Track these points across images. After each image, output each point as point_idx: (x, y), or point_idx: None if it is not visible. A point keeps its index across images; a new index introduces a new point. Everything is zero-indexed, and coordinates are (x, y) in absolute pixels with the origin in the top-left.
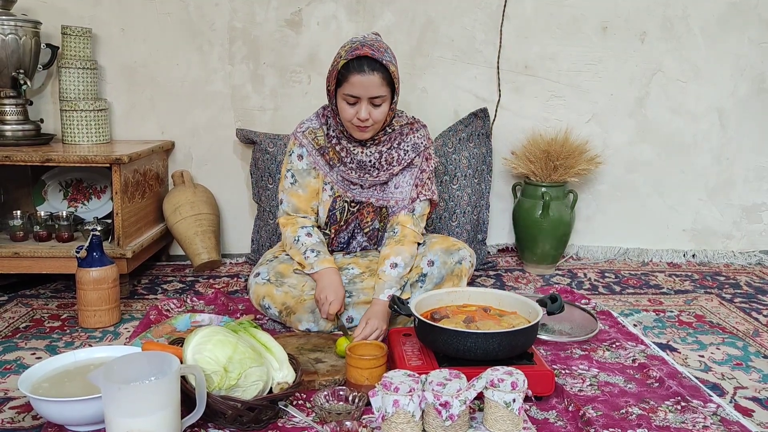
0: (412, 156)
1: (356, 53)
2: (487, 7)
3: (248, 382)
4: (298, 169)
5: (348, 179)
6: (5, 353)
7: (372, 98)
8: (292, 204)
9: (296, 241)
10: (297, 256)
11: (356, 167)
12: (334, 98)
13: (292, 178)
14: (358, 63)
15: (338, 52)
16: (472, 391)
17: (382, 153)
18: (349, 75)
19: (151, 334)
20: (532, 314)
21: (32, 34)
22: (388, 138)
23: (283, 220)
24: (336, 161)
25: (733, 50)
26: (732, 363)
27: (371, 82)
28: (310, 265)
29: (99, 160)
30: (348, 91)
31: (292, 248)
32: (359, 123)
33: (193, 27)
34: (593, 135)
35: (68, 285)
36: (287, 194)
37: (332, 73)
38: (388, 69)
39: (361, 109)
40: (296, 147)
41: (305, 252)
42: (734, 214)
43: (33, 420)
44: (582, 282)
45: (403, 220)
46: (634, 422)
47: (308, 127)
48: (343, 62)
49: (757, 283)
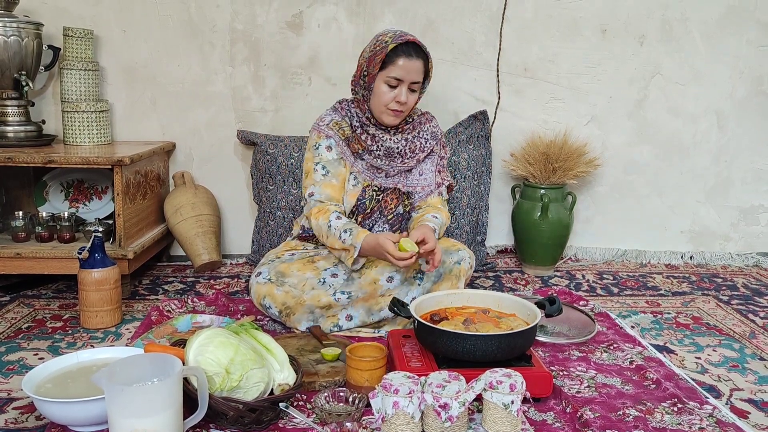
0: (432, 144)
1: (405, 38)
2: (487, 10)
3: (250, 383)
4: (328, 159)
5: (374, 166)
6: (8, 354)
7: (412, 83)
8: (325, 194)
9: (329, 227)
10: (335, 243)
11: (384, 154)
12: (371, 82)
13: (323, 170)
14: (406, 48)
15: (379, 40)
16: (471, 392)
17: (408, 140)
18: (396, 58)
19: (152, 334)
20: (531, 316)
21: (34, 35)
22: (411, 127)
23: (315, 210)
24: (362, 150)
25: (732, 53)
26: (728, 365)
27: (415, 67)
28: (351, 246)
29: (101, 161)
30: (393, 73)
31: (329, 237)
32: (396, 106)
33: (194, 28)
34: (592, 137)
35: (70, 285)
36: (320, 186)
37: (376, 56)
38: (428, 59)
39: (401, 92)
40: (323, 139)
41: (340, 235)
42: (732, 216)
43: (36, 420)
44: (580, 283)
45: (434, 202)
46: (631, 424)
47: (332, 119)
48: (392, 46)
49: (754, 285)
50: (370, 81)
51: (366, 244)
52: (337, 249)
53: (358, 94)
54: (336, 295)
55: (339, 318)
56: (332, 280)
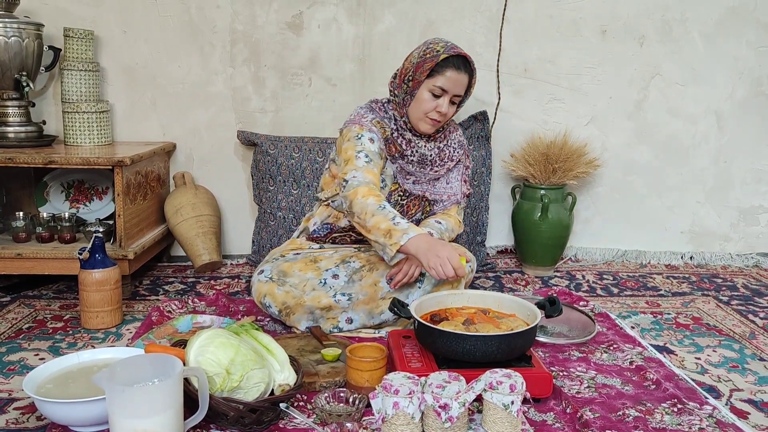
0: (460, 153)
1: (457, 51)
2: (487, 11)
3: (250, 383)
4: (371, 150)
5: (406, 171)
6: (9, 354)
7: (454, 95)
8: (369, 179)
9: (383, 208)
10: (382, 222)
11: (417, 161)
12: (415, 88)
13: (366, 158)
14: (456, 60)
15: (430, 47)
16: (471, 393)
17: (440, 149)
18: (445, 69)
19: (153, 335)
20: (531, 317)
21: (35, 36)
22: (443, 135)
23: (364, 189)
24: (397, 154)
25: (731, 53)
26: (728, 365)
27: (461, 80)
28: (403, 230)
29: (101, 162)
30: (440, 83)
31: (376, 214)
32: (436, 116)
33: (195, 29)
34: (592, 137)
35: (70, 286)
36: (362, 171)
37: (426, 63)
38: (473, 76)
39: (444, 103)
40: (366, 131)
41: (394, 218)
42: (732, 217)
43: (37, 421)
44: (580, 284)
45: (449, 210)
46: (631, 424)
47: (374, 118)
48: (444, 56)
49: (754, 285)
50: (415, 86)
51: (422, 239)
52: (381, 230)
53: (398, 97)
54: (336, 296)
55: (339, 320)
56: (333, 282)
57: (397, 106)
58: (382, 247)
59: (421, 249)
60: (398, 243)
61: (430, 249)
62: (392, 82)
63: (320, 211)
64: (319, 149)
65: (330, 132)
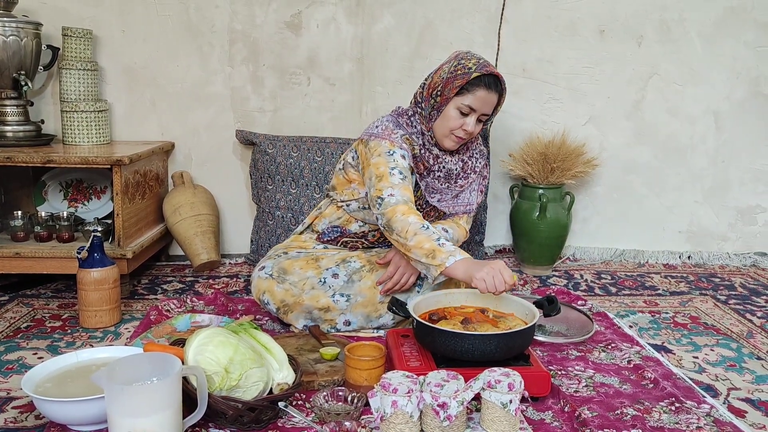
0: (482, 163)
1: (489, 70)
2: (485, 11)
3: (249, 382)
4: (404, 166)
5: (432, 187)
6: (7, 353)
7: (482, 114)
8: (407, 197)
9: (426, 228)
10: (425, 243)
11: (444, 176)
12: (443, 104)
13: (401, 175)
14: (488, 80)
15: (461, 63)
16: (470, 392)
17: (464, 161)
18: (476, 88)
19: (151, 334)
20: (529, 316)
21: (33, 35)
22: (465, 148)
23: (404, 208)
24: (424, 171)
25: (730, 54)
26: (726, 364)
27: (491, 100)
28: (449, 252)
29: (100, 161)
30: (469, 102)
31: (419, 233)
32: (462, 134)
33: (193, 28)
34: (590, 137)
35: (68, 285)
36: (400, 189)
37: (456, 80)
38: (503, 94)
39: (471, 122)
40: (397, 148)
41: (438, 239)
42: (730, 216)
43: (36, 420)
44: (578, 283)
45: (458, 219)
46: (629, 423)
47: (403, 134)
48: (476, 74)
49: (751, 284)
50: (443, 103)
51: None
52: (424, 250)
53: (424, 111)
54: (335, 296)
55: (337, 322)
56: (332, 281)
57: (423, 119)
58: (425, 267)
59: (470, 267)
60: (443, 264)
61: (480, 267)
62: (420, 93)
63: (330, 211)
64: (318, 149)
65: (329, 131)
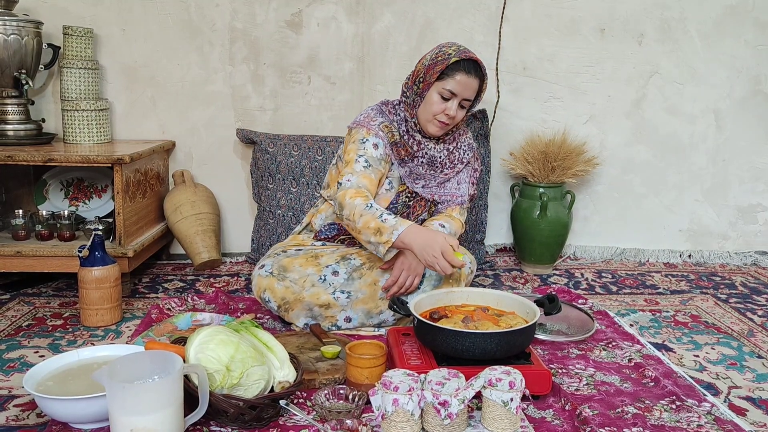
0: (470, 155)
1: (468, 55)
2: (485, 9)
3: (250, 381)
4: (372, 156)
5: (415, 174)
6: (8, 351)
7: (464, 99)
8: (362, 184)
9: (369, 207)
10: (371, 222)
11: (426, 162)
12: (425, 90)
13: (365, 163)
14: (467, 64)
15: (442, 50)
16: (471, 390)
17: (449, 151)
18: (455, 72)
19: (152, 332)
20: (530, 314)
21: (34, 34)
22: (452, 138)
23: (353, 192)
24: (407, 156)
25: (730, 52)
26: (726, 363)
27: (471, 84)
28: (392, 227)
29: (101, 159)
30: (449, 86)
31: (364, 214)
32: (444, 119)
33: (194, 27)
34: (591, 136)
35: (70, 283)
36: (358, 176)
37: (436, 65)
38: (484, 80)
39: (452, 106)
40: (371, 136)
41: (381, 215)
42: (730, 215)
43: (37, 418)
44: (579, 282)
45: (450, 211)
46: (630, 421)
47: (381, 121)
48: (454, 59)
49: (752, 283)
50: (425, 88)
51: (413, 232)
52: (371, 229)
53: (409, 98)
54: (336, 293)
55: (338, 319)
56: (333, 278)
57: (407, 107)
58: (374, 246)
59: (415, 244)
60: (390, 240)
61: (424, 246)
62: (405, 83)
63: (325, 208)
64: (318, 147)
65: (329, 130)
